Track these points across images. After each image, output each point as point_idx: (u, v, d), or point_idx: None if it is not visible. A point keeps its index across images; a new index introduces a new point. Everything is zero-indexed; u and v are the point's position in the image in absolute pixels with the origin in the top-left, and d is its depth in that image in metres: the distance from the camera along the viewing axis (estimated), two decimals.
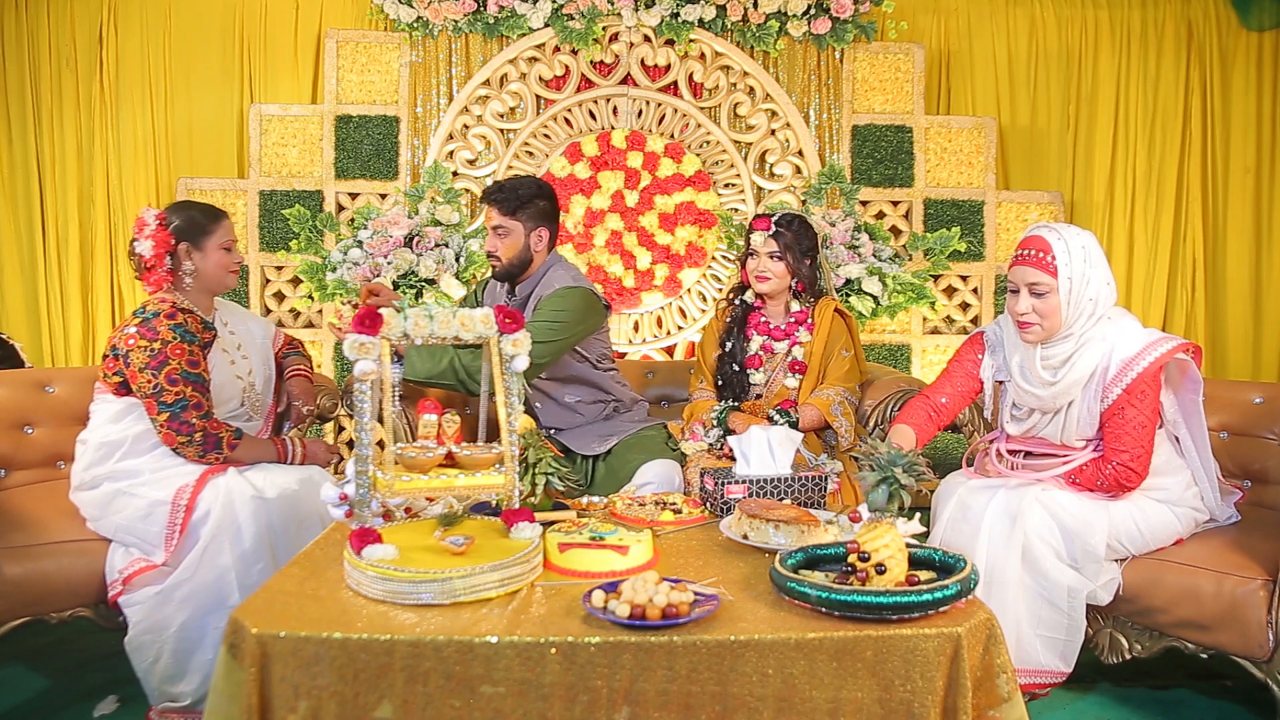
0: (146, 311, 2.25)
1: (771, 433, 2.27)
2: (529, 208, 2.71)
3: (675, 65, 4.13)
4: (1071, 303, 2.13)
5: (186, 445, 2.21)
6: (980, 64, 4.42)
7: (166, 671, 2.13)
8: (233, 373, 2.41)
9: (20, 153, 4.05)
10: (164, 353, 2.20)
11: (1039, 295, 2.14)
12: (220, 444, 2.24)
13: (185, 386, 2.20)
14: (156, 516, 2.18)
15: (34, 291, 4.08)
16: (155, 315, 2.24)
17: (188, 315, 2.28)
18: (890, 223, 4.23)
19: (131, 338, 2.22)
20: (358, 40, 4.11)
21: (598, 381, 2.85)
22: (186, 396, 2.20)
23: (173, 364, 2.20)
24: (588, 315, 2.69)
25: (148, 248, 2.27)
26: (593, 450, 2.76)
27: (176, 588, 2.14)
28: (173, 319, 2.24)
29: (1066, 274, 2.11)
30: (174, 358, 2.21)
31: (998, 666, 1.52)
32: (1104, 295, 2.15)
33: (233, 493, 2.19)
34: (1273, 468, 2.51)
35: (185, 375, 2.21)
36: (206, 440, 2.22)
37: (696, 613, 1.48)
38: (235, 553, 2.15)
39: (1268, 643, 2.01)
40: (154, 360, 2.20)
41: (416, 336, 1.79)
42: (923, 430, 2.37)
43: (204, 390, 2.25)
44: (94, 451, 2.27)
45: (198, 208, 2.38)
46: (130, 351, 2.21)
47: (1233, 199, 4.38)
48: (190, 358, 2.23)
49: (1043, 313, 2.14)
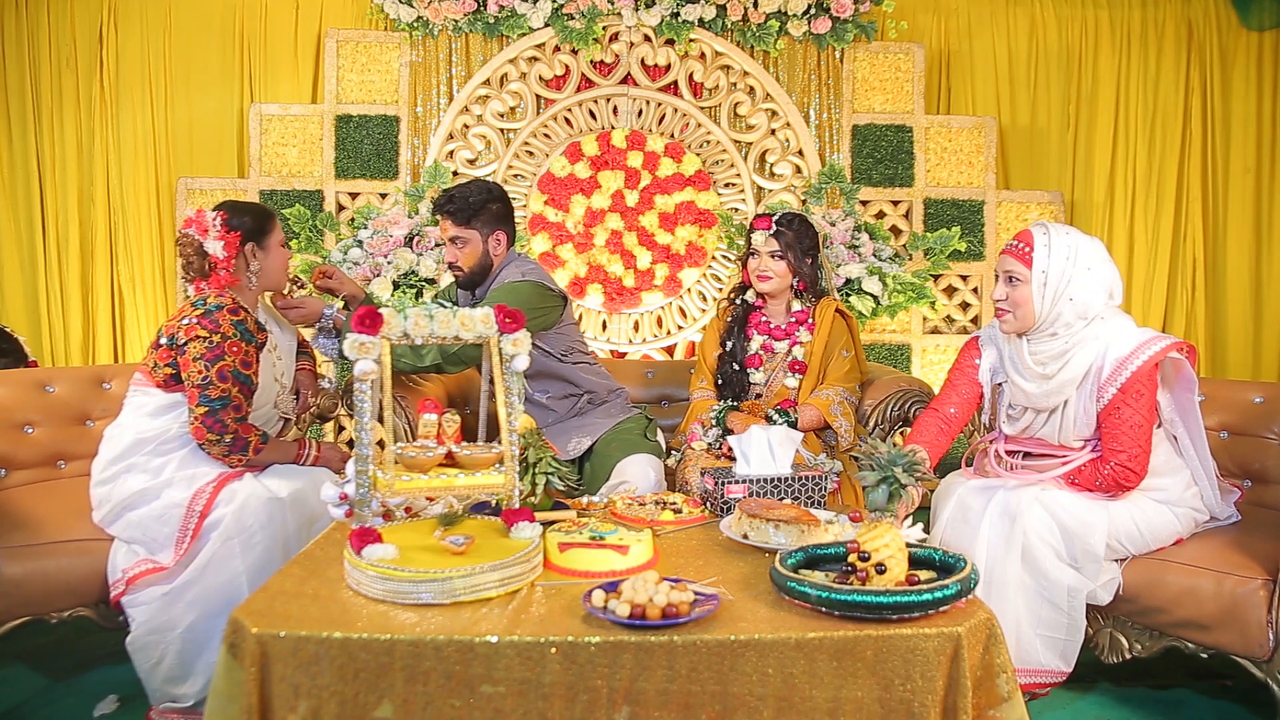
0: (208, 304, 2.22)
1: (771, 432, 2.27)
2: (482, 214, 2.69)
3: (675, 65, 4.13)
4: (1045, 298, 2.15)
5: (215, 444, 2.20)
6: (980, 64, 4.42)
7: (170, 672, 2.13)
8: (273, 375, 2.41)
9: (20, 152, 4.05)
10: (221, 347, 2.18)
11: (1012, 284, 2.20)
12: (247, 448, 2.22)
13: (233, 385, 2.19)
14: (171, 518, 2.18)
15: (34, 291, 4.08)
16: (218, 308, 2.21)
17: (247, 314, 2.27)
18: (890, 222, 4.23)
19: (192, 328, 2.19)
20: (358, 40, 4.11)
21: (565, 375, 2.81)
22: (230, 396, 2.19)
23: (227, 360, 2.19)
24: (538, 309, 2.61)
25: (219, 248, 2.24)
26: (570, 453, 2.72)
27: (186, 589, 2.14)
28: (235, 314, 2.22)
29: (1042, 268, 2.15)
30: (230, 354, 2.19)
31: (998, 666, 1.52)
32: (1093, 300, 2.15)
33: (248, 497, 2.18)
34: (1273, 467, 2.51)
35: (236, 374, 2.20)
36: (235, 442, 2.20)
37: (696, 612, 1.48)
38: (248, 557, 2.14)
39: (1268, 642, 2.01)
40: (210, 352, 2.18)
41: (416, 336, 1.79)
42: (936, 446, 2.39)
43: (248, 393, 2.24)
44: (127, 444, 2.24)
45: (250, 208, 2.37)
46: (190, 341, 2.18)
47: (1233, 199, 4.38)
48: (245, 357, 2.22)
49: (1015, 301, 2.20)
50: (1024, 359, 2.25)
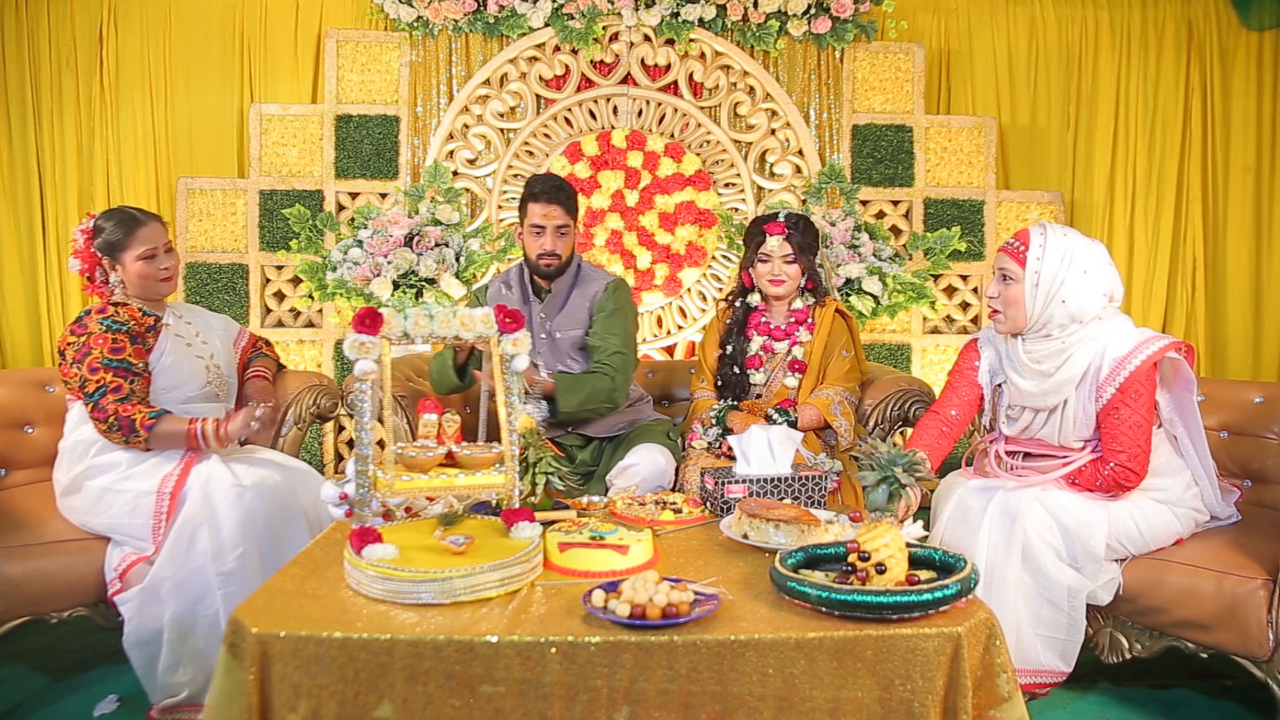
0: (83, 311, 2.31)
1: (771, 432, 2.27)
2: (577, 205, 2.82)
3: (675, 65, 4.13)
4: (1037, 299, 2.17)
5: (108, 431, 2.21)
6: (980, 63, 4.42)
7: (164, 663, 2.14)
8: (191, 353, 2.42)
9: (20, 153, 4.04)
10: (87, 344, 2.24)
11: (1005, 283, 2.22)
12: (134, 426, 2.19)
13: (105, 373, 2.21)
14: (143, 508, 2.19)
15: (34, 291, 4.08)
16: (87, 313, 2.29)
17: (120, 307, 2.31)
18: (890, 222, 4.23)
19: (65, 338, 2.27)
20: (358, 40, 4.10)
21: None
22: (105, 383, 2.21)
23: (94, 354, 2.22)
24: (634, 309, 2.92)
25: (75, 265, 2.37)
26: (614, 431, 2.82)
27: (162, 582, 2.15)
28: (103, 313, 2.28)
29: (1034, 268, 2.16)
30: (95, 347, 2.23)
31: (998, 666, 1.52)
32: (1087, 303, 2.15)
33: (212, 480, 2.19)
34: (1273, 467, 2.51)
35: (105, 362, 2.22)
36: (120, 424, 2.19)
37: (696, 612, 1.48)
38: (214, 541, 2.14)
39: (1268, 642, 2.01)
40: (78, 354, 2.23)
41: (416, 336, 1.79)
42: (937, 448, 2.40)
43: (126, 375, 2.24)
44: (70, 452, 2.30)
45: (116, 218, 2.36)
46: (65, 350, 2.26)
47: (1233, 199, 4.38)
48: (114, 345, 2.25)
49: (1007, 300, 2.22)
50: (1020, 358, 2.26)
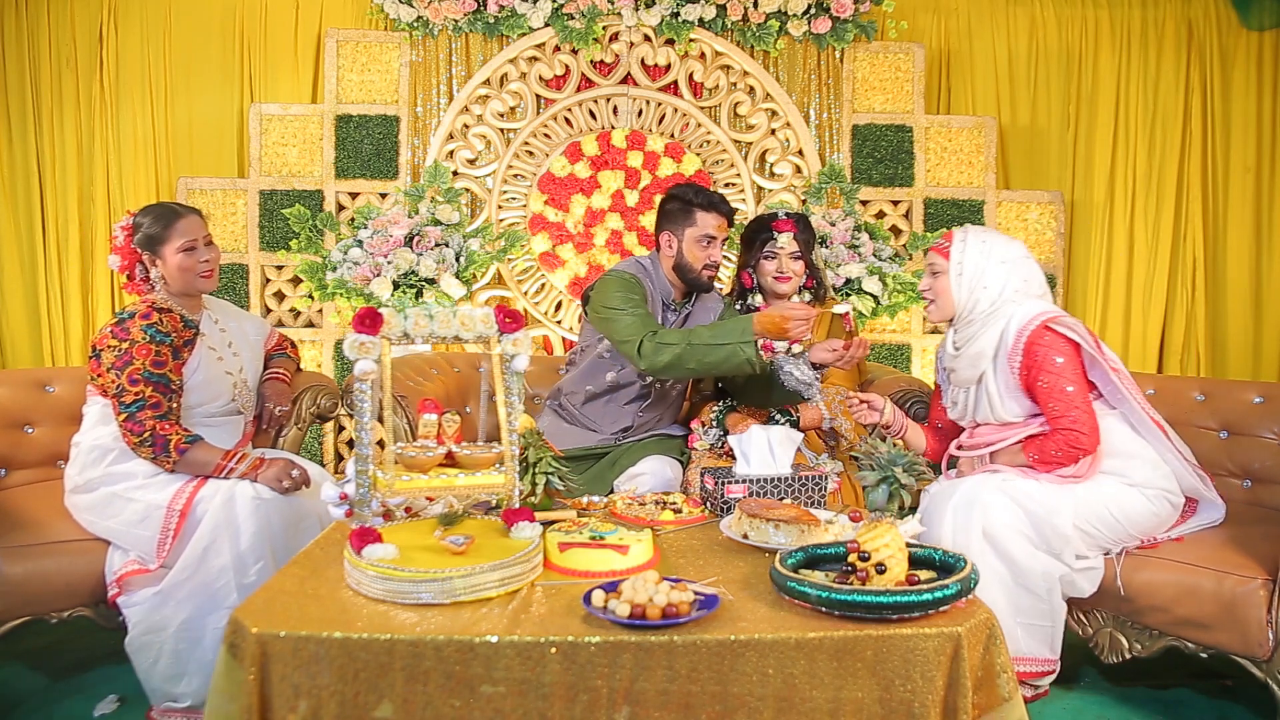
0: (124, 312, 2.28)
1: (772, 432, 2.28)
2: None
3: (675, 65, 4.13)
4: (963, 288, 2.34)
5: (140, 445, 2.19)
6: (980, 64, 4.42)
7: (167, 671, 2.13)
8: (221, 369, 2.41)
9: (20, 153, 4.04)
10: (130, 353, 2.21)
11: (934, 276, 2.40)
12: (169, 445, 2.18)
13: (145, 386, 2.20)
14: (152, 521, 2.18)
15: (34, 291, 4.08)
16: (130, 316, 2.26)
17: (164, 314, 2.28)
18: (890, 222, 4.23)
19: (105, 338, 2.24)
20: (358, 40, 4.10)
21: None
22: (145, 397, 2.19)
23: (136, 364, 2.20)
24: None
25: (115, 262, 2.35)
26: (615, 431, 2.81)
27: (176, 588, 2.14)
28: (147, 319, 2.25)
29: (958, 260, 2.35)
30: (138, 358, 2.21)
31: (998, 666, 1.52)
32: (1008, 289, 2.31)
33: (233, 491, 2.18)
34: (1272, 467, 2.51)
35: (147, 375, 2.20)
36: (155, 441, 2.18)
37: (696, 612, 1.48)
38: (233, 552, 2.14)
39: (1268, 642, 2.01)
40: (119, 360, 2.20)
41: (416, 336, 1.79)
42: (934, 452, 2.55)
43: (166, 391, 2.23)
44: (86, 454, 2.27)
45: (155, 212, 2.35)
46: (104, 351, 2.23)
47: (1233, 199, 4.38)
48: (156, 358, 2.22)
49: (936, 290, 2.40)
50: (947, 346, 2.44)
